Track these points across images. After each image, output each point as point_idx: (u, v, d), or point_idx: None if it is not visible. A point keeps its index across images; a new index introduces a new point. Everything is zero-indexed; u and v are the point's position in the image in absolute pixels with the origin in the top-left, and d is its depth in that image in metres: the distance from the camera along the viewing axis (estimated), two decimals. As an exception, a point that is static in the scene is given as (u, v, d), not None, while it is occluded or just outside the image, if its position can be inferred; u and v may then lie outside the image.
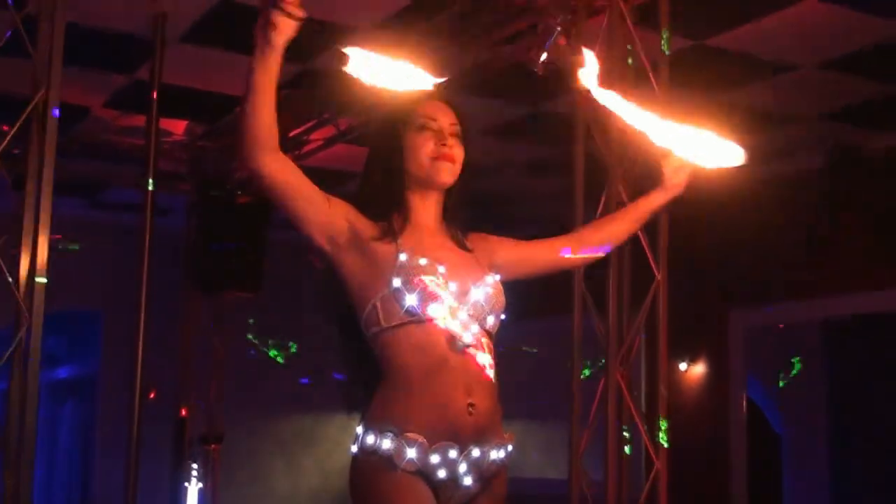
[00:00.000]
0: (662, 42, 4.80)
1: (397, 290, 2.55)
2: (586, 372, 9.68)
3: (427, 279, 2.56)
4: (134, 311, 5.80)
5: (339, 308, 2.69)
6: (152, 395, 7.26)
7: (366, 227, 2.64)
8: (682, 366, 8.22)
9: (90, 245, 9.61)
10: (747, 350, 7.97)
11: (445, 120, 2.72)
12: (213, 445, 8.13)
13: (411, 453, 2.50)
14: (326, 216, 2.59)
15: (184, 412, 8.03)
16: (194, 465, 8.00)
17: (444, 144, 2.69)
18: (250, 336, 10.02)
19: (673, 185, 3.00)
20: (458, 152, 2.72)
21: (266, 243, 8.03)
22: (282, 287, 9.67)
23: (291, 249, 10.04)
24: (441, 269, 2.60)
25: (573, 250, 2.92)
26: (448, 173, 2.71)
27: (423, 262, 2.59)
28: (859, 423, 8.75)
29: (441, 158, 2.69)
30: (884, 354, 8.44)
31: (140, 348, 3.84)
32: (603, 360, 4.61)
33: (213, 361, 8.39)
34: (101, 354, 9.95)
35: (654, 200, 3.03)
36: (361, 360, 2.67)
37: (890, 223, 6.93)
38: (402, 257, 2.58)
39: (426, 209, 2.73)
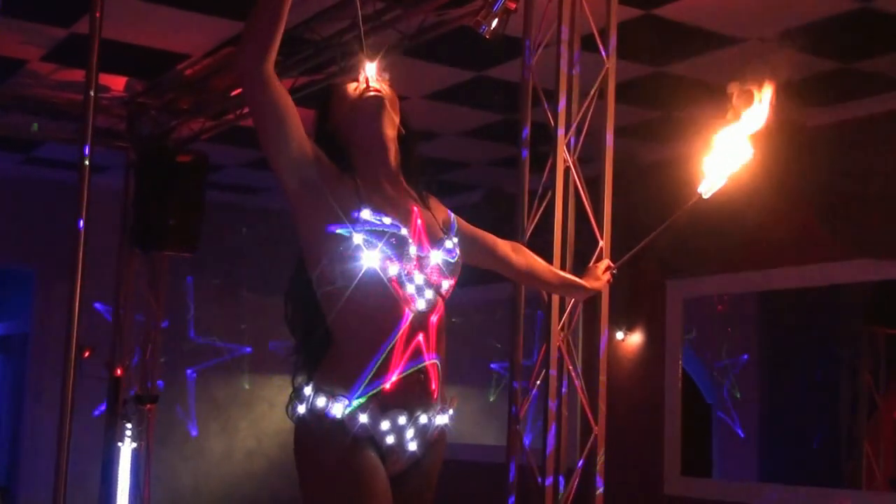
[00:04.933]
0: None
1: (357, 246, 2.49)
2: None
3: (389, 239, 2.51)
4: (68, 269, 5.69)
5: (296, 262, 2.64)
6: (87, 354, 7.15)
7: (331, 175, 2.58)
8: (619, 335, 8.27)
9: (23, 202, 9.44)
10: (684, 320, 8.04)
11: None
12: (147, 406, 8.04)
13: (363, 419, 2.47)
14: (304, 146, 2.53)
15: (118, 371, 7.94)
16: (128, 425, 7.91)
17: (364, 78, 2.68)
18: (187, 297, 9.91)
19: (594, 287, 3.32)
20: (384, 87, 2.70)
21: (205, 203, 7.93)
22: (220, 247, 9.59)
23: (230, 210, 10.03)
24: (404, 230, 2.55)
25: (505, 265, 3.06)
26: (378, 93, 2.66)
27: (386, 220, 2.53)
28: (788, 396, 8.88)
29: (365, 89, 2.66)
30: (815, 327, 8.56)
31: (77, 306, 3.75)
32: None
33: (149, 321, 8.29)
34: (33, 312, 9.78)
35: (576, 291, 3.39)
36: (312, 318, 2.61)
37: (830, 197, 7.00)
38: (366, 213, 2.52)
39: (381, 164, 2.66)
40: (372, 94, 2.66)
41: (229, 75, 6.85)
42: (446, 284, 2.62)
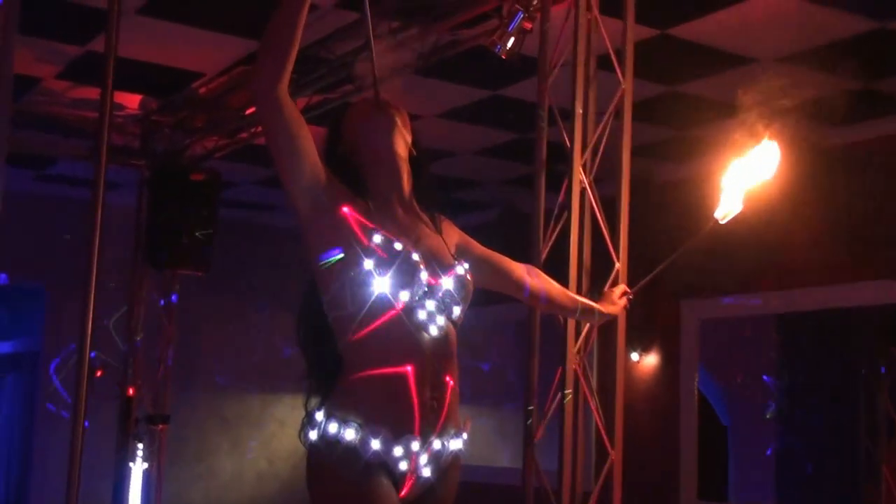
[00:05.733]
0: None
1: (368, 272, 2.48)
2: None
3: (400, 265, 2.51)
4: (79, 287, 5.70)
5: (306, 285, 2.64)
6: (99, 374, 7.16)
7: (342, 197, 2.58)
8: (634, 356, 8.25)
9: (36, 219, 9.47)
10: (700, 341, 8.02)
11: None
12: (160, 426, 8.04)
13: (376, 445, 2.46)
14: (317, 169, 2.52)
15: (130, 391, 7.94)
16: (140, 445, 7.91)
17: (375, 96, 2.66)
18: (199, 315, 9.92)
19: (610, 312, 3.27)
20: (395, 106, 2.70)
21: (217, 222, 7.96)
22: (232, 266, 9.60)
23: (243, 227, 10.05)
24: (415, 255, 2.55)
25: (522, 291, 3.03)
26: (392, 112, 2.66)
27: (398, 246, 2.53)
28: (806, 418, 8.84)
29: (378, 103, 2.66)
30: (833, 349, 8.53)
31: (89, 324, 3.77)
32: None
33: (161, 340, 8.30)
34: (45, 330, 9.80)
35: (592, 316, 3.27)
36: (323, 342, 2.60)
37: (847, 218, 6.99)
38: (377, 238, 2.51)
39: (394, 187, 2.66)
40: (383, 113, 2.66)
41: (243, 93, 6.88)
42: (457, 311, 2.61)
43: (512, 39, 4.93)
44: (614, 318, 3.37)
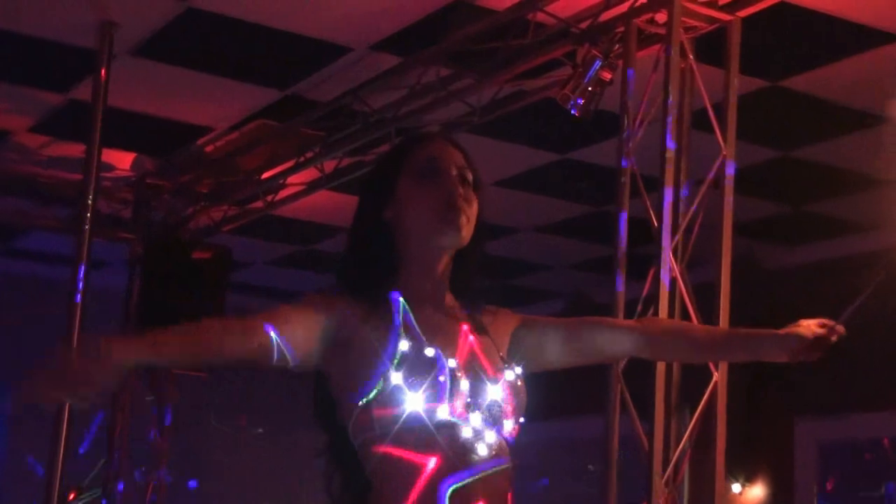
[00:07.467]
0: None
1: (397, 387, 2.47)
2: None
3: (435, 375, 2.49)
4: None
5: (325, 409, 2.63)
6: (72, 497, 7.15)
7: (350, 312, 2.56)
8: (736, 487, 8.15)
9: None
10: (820, 469, 7.91)
11: (452, 162, 2.64)
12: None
13: None
14: (314, 333, 2.55)
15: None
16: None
17: (454, 192, 2.63)
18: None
19: (798, 333, 2.63)
20: (471, 203, 2.66)
21: (225, 310, 7.97)
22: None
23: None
24: (452, 362, 2.53)
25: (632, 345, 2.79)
26: (459, 230, 2.62)
27: (429, 352, 2.51)
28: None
29: (451, 210, 2.63)
30: None
31: (62, 440, 3.77)
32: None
33: (154, 454, 8.28)
34: (6, 441, 9.81)
35: (766, 345, 2.70)
36: (350, 471, 2.59)
37: None
38: (404, 346, 2.51)
39: (430, 278, 2.65)
40: (457, 218, 2.62)
41: (258, 153, 6.93)
42: (509, 425, 2.58)
43: (588, 92, 4.94)
44: (807, 343, 2.74)
